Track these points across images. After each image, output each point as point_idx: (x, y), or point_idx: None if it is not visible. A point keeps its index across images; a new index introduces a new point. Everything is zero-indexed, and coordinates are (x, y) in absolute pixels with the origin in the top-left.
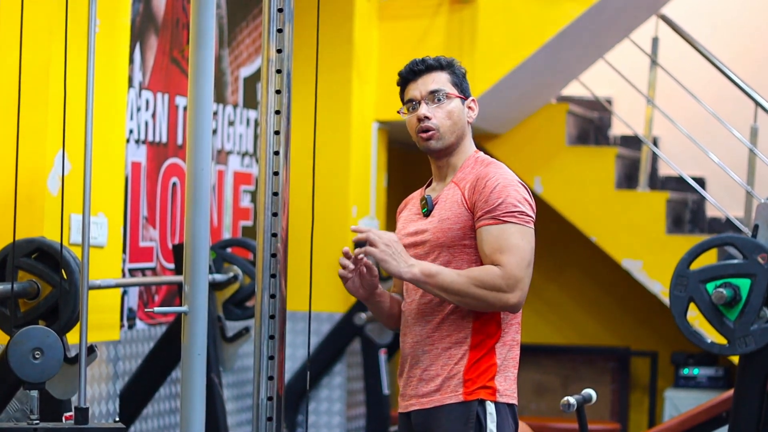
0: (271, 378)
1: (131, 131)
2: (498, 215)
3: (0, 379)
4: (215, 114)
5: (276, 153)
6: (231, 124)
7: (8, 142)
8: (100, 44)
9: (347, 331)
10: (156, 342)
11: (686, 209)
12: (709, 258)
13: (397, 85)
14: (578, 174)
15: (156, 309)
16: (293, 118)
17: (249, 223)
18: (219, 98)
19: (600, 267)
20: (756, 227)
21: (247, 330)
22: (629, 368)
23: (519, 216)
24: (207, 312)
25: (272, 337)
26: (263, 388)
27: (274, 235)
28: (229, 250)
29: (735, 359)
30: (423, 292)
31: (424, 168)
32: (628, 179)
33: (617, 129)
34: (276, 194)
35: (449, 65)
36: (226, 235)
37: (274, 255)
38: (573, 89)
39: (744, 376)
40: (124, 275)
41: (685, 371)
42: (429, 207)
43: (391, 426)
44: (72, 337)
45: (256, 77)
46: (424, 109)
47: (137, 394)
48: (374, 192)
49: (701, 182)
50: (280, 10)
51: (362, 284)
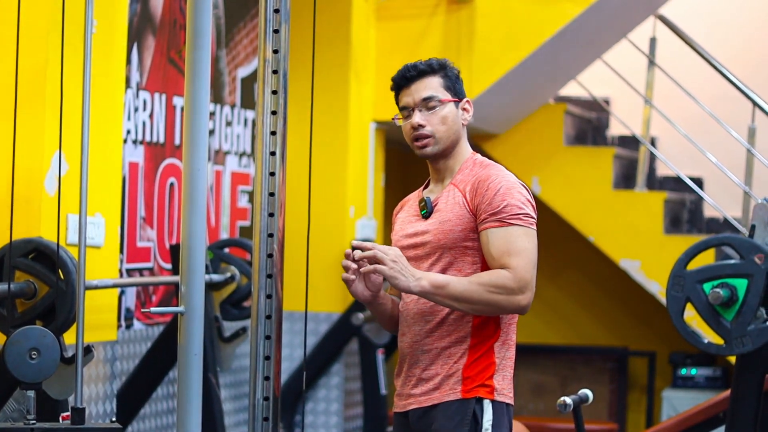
0: (268, 378)
1: (129, 132)
2: (503, 218)
3: None
4: (213, 114)
5: (272, 153)
6: (228, 125)
7: (5, 143)
8: (98, 45)
9: (345, 332)
10: (153, 342)
11: (684, 209)
12: (707, 258)
13: (391, 90)
14: (576, 174)
15: (152, 309)
16: (291, 119)
17: (246, 224)
18: (216, 98)
19: (598, 267)
20: (753, 227)
21: (245, 330)
22: (627, 368)
23: (524, 218)
24: (203, 312)
25: (268, 338)
26: (259, 389)
27: (271, 236)
28: (227, 251)
29: (732, 359)
30: None
31: (422, 168)
32: (626, 179)
33: (615, 129)
34: (272, 195)
35: (441, 68)
36: (224, 236)
37: (271, 255)
38: (571, 89)
39: (741, 377)
40: (122, 275)
41: (683, 371)
42: (429, 209)
43: (389, 426)
44: (69, 337)
45: (254, 77)
46: (418, 117)
47: (134, 395)
48: (372, 192)
49: (699, 182)
50: (277, 11)
51: (367, 286)
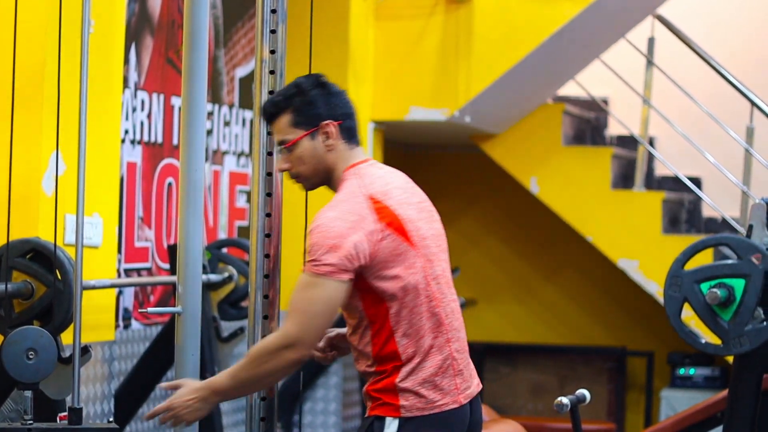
0: None
1: (127, 131)
2: (305, 260)
3: None
4: (211, 114)
5: (269, 154)
6: (227, 125)
7: (3, 143)
8: (95, 45)
9: None
10: (151, 342)
11: (682, 209)
12: (706, 258)
13: None
14: (574, 174)
15: (150, 309)
16: None
17: (245, 224)
18: (215, 98)
19: (596, 267)
20: (750, 227)
21: (243, 330)
22: (626, 368)
23: (311, 265)
24: (201, 312)
25: None
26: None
27: (268, 236)
28: (225, 251)
29: (730, 359)
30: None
31: (421, 168)
32: (625, 179)
33: (613, 129)
34: (269, 195)
35: (288, 102)
36: (222, 235)
37: (268, 255)
38: (569, 89)
39: (738, 377)
40: (120, 275)
41: (682, 371)
42: None
43: None
44: (67, 338)
45: (252, 77)
46: (281, 161)
47: (132, 395)
48: None
49: (697, 182)
50: (274, 11)
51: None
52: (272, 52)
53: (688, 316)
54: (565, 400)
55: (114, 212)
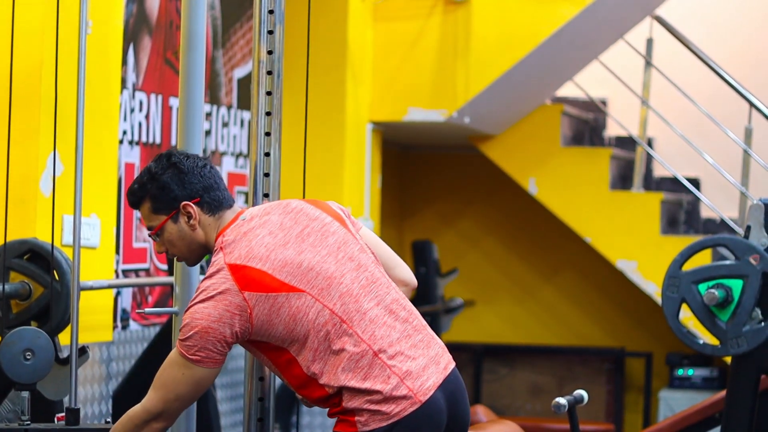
0: (262, 379)
1: (125, 132)
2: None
3: None
4: (209, 115)
5: (267, 155)
6: (225, 126)
7: (0, 143)
8: (93, 45)
9: None
10: (149, 343)
11: (681, 210)
12: (704, 259)
13: None
14: (573, 175)
15: (147, 310)
16: (289, 119)
17: None
18: (213, 99)
19: (595, 268)
20: (748, 228)
21: None
22: (624, 369)
23: (180, 344)
24: None
25: None
26: (254, 389)
27: None
28: None
29: (728, 360)
30: None
31: (419, 169)
32: (623, 180)
33: (612, 130)
34: (267, 195)
35: (143, 190)
36: None
37: None
38: (568, 90)
39: (736, 377)
40: (118, 276)
41: (680, 372)
42: None
43: None
44: (64, 338)
45: (251, 78)
46: (156, 245)
47: (130, 395)
48: (368, 193)
49: (696, 183)
50: (271, 12)
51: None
52: (270, 53)
53: (687, 317)
54: (563, 401)
55: (112, 213)
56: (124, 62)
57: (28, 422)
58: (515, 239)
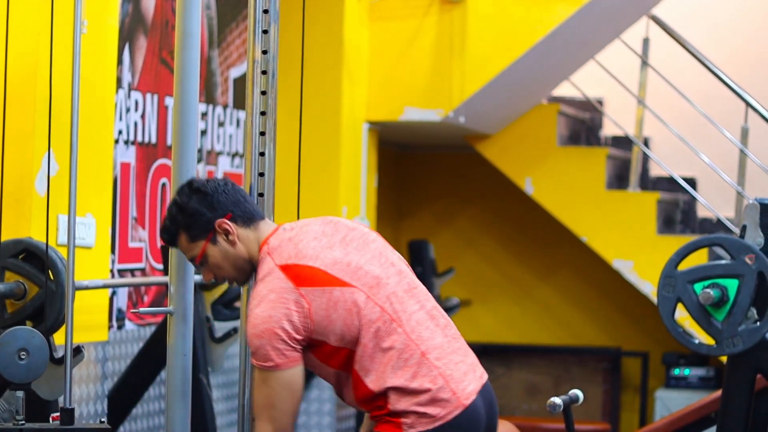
0: None
1: (120, 132)
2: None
3: None
4: (205, 115)
5: (262, 154)
6: (221, 125)
7: None
8: (88, 45)
9: None
10: (145, 342)
11: (677, 210)
12: (700, 258)
13: None
14: (569, 174)
15: (141, 309)
16: (286, 119)
17: None
18: (209, 99)
19: (591, 267)
20: (744, 228)
21: (236, 330)
22: (620, 368)
23: (253, 356)
24: (193, 312)
25: None
26: (248, 389)
27: None
28: None
29: (724, 359)
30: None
31: (415, 169)
32: (619, 180)
33: (608, 129)
34: (262, 195)
35: (175, 223)
36: None
37: None
38: (564, 90)
39: (732, 377)
40: (114, 276)
41: (676, 371)
42: None
43: None
44: (59, 338)
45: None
46: (204, 275)
47: (126, 395)
48: (365, 193)
49: (692, 183)
50: (266, 12)
51: None
52: (264, 53)
53: (682, 317)
54: (558, 401)
55: (107, 213)
56: (120, 62)
57: (23, 422)
58: (512, 239)
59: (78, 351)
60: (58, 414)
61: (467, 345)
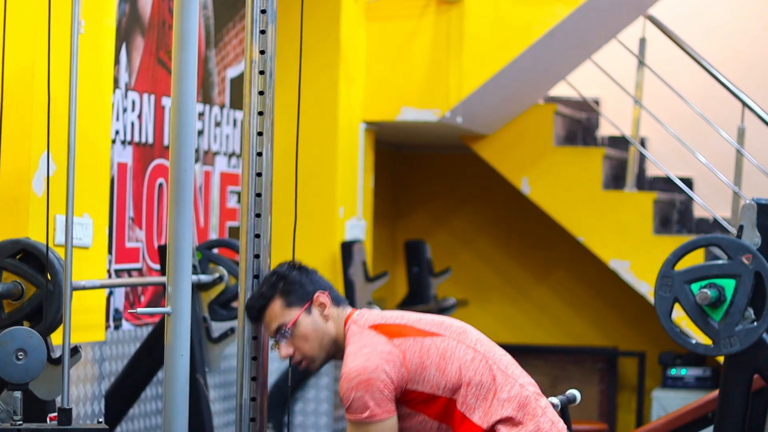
0: (254, 379)
1: (117, 132)
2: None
3: None
4: (202, 115)
5: (259, 154)
6: (218, 125)
7: None
8: (85, 45)
9: None
10: (142, 343)
11: (674, 210)
12: (697, 258)
13: None
14: (566, 174)
15: (139, 310)
16: (282, 119)
17: (236, 224)
18: (206, 99)
19: (587, 267)
20: (741, 228)
21: (233, 331)
22: (617, 368)
23: (348, 411)
24: (190, 312)
25: (255, 338)
26: (246, 389)
27: (258, 237)
28: (215, 251)
29: (721, 359)
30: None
31: (412, 169)
32: (616, 180)
33: (605, 129)
34: (259, 195)
35: (274, 288)
36: (213, 236)
37: (258, 256)
38: (560, 90)
39: (729, 377)
40: (111, 276)
41: (673, 371)
42: None
43: None
44: (58, 338)
45: (243, 79)
46: (283, 350)
47: (123, 395)
48: (361, 193)
49: (689, 183)
50: (263, 12)
51: None
52: (262, 53)
53: (679, 317)
54: (555, 401)
55: (104, 213)
56: (117, 62)
57: (21, 422)
58: (508, 239)
59: (75, 351)
60: (56, 414)
61: None
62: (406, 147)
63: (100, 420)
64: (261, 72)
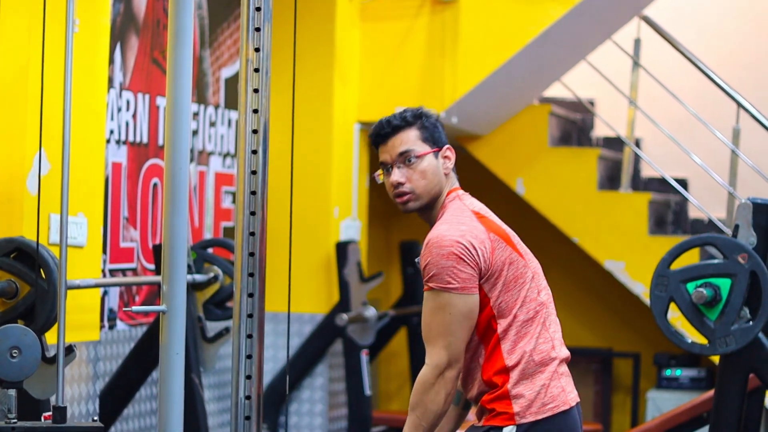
0: (249, 377)
1: (112, 132)
2: (425, 282)
3: None
4: (196, 115)
5: (254, 152)
6: (212, 125)
7: None
8: (80, 44)
9: (329, 332)
10: (136, 342)
11: (669, 210)
12: (692, 258)
13: (372, 145)
14: (561, 175)
15: (134, 308)
16: (277, 118)
17: (230, 224)
18: (200, 99)
19: (582, 268)
20: (736, 227)
21: (228, 330)
22: (612, 369)
23: (433, 280)
24: (185, 311)
25: (250, 336)
26: (241, 387)
27: (252, 234)
28: (210, 251)
29: (716, 359)
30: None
31: None
32: (611, 180)
33: (600, 130)
34: (254, 193)
35: (416, 119)
36: (207, 236)
37: (252, 254)
38: (555, 90)
39: (724, 377)
40: (105, 276)
41: (668, 372)
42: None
43: (373, 427)
44: (51, 337)
45: (238, 78)
46: (397, 174)
47: (117, 395)
48: (356, 193)
49: (684, 183)
50: (258, 9)
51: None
52: (257, 50)
53: (675, 317)
54: None
55: (99, 212)
56: (111, 61)
57: (15, 420)
58: None
59: (70, 350)
60: (50, 413)
61: None
62: None
63: (95, 419)
64: (256, 70)
